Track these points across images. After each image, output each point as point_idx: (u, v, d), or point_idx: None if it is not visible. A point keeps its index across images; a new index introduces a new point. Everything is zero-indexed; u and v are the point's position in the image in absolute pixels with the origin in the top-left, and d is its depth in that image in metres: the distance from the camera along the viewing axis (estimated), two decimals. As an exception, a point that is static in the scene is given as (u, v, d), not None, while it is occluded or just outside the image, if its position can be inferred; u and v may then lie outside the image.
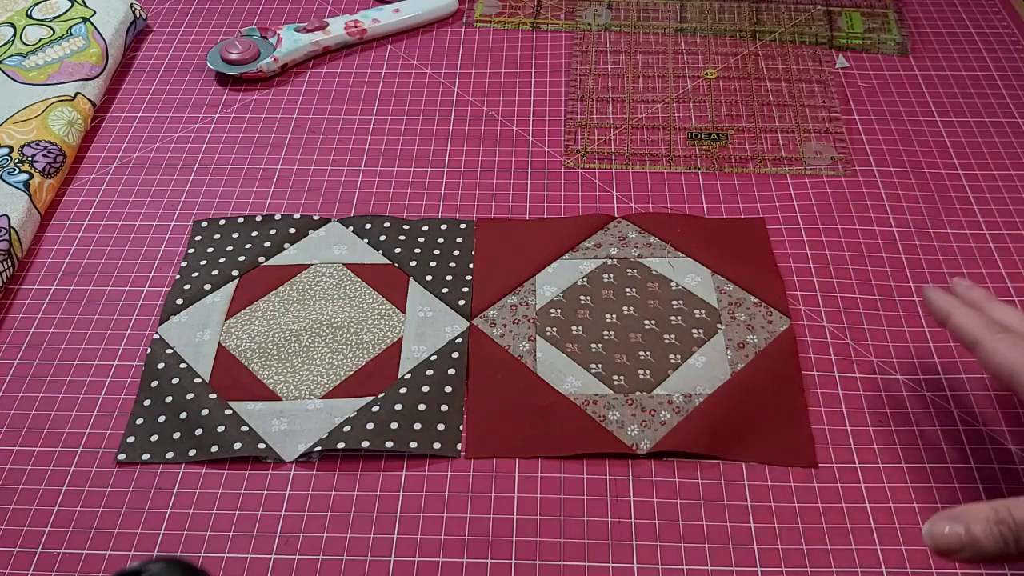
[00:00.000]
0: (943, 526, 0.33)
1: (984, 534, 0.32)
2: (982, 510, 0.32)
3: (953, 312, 0.39)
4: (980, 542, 0.32)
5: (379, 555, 0.39)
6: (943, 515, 0.33)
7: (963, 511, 0.33)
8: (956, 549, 0.33)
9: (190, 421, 0.44)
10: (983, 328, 0.37)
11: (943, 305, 0.40)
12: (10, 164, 0.54)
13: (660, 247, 0.51)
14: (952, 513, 0.33)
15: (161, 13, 0.70)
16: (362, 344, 0.47)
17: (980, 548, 0.32)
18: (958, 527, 0.32)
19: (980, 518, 0.32)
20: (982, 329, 0.37)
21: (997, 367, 0.36)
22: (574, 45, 0.65)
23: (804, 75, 0.62)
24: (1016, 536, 0.32)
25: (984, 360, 0.37)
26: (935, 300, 0.40)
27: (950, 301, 0.40)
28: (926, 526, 0.33)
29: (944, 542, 0.33)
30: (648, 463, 0.42)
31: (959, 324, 0.38)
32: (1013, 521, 0.32)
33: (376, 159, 0.57)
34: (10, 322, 0.49)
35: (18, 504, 0.41)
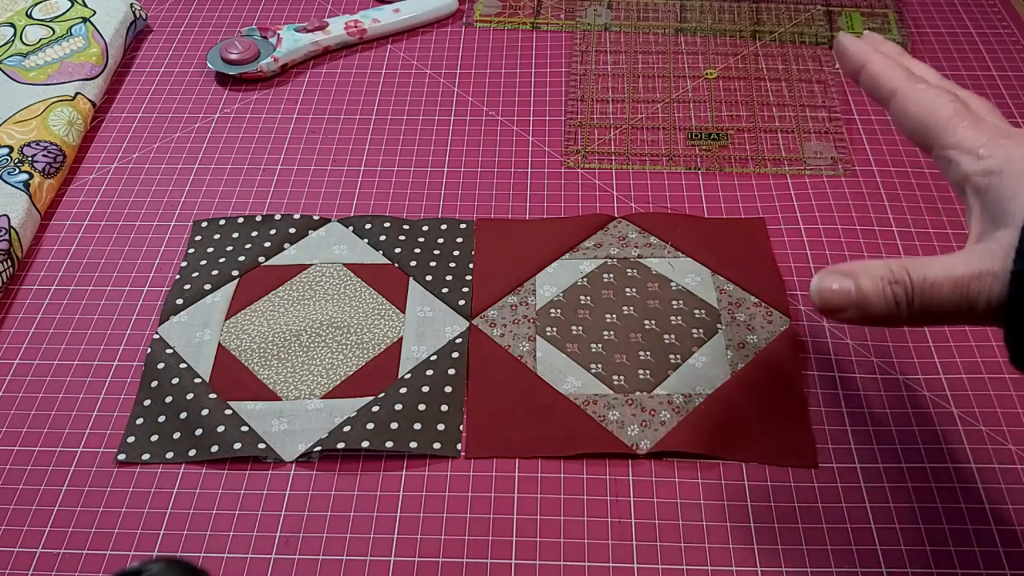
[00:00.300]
0: (832, 281, 0.31)
1: (875, 293, 0.30)
2: (877, 267, 0.31)
3: (870, 60, 0.35)
4: (870, 301, 0.31)
5: (379, 555, 0.39)
6: (833, 269, 0.31)
7: (855, 266, 0.31)
8: (843, 307, 0.31)
9: (190, 421, 0.44)
10: (903, 78, 0.35)
11: (858, 52, 0.36)
12: (10, 164, 0.54)
13: (660, 247, 0.51)
14: (843, 268, 0.31)
15: (161, 13, 0.70)
16: (362, 344, 0.47)
17: (869, 308, 0.31)
18: (848, 283, 0.31)
19: (873, 275, 0.31)
20: (902, 79, 0.35)
21: (915, 118, 0.34)
22: (574, 45, 0.65)
23: (804, 75, 0.62)
24: (909, 299, 0.30)
25: (900, 111, 0.34)
26: (849, 46, 0.36)
27: (866, 49, 0.36)
28: (814, 280, 0.32)
29: (831, 298, 0.31)
30: (648, 463, 0.42)
31: (877, 72, 0.35)
32: (910, 282, 0.30)
33: (376, 159, 0.57)
34: (10, 322, 0.49)
35: (18, 504, 0.41)
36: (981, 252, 0.30)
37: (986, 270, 0.29)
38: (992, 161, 0.31)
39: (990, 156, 0.31)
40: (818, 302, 0.31)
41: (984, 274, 0.29)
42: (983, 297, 0.29)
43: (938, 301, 0.30)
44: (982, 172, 0.31)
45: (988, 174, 0.31)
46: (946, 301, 0.30)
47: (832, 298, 0.31)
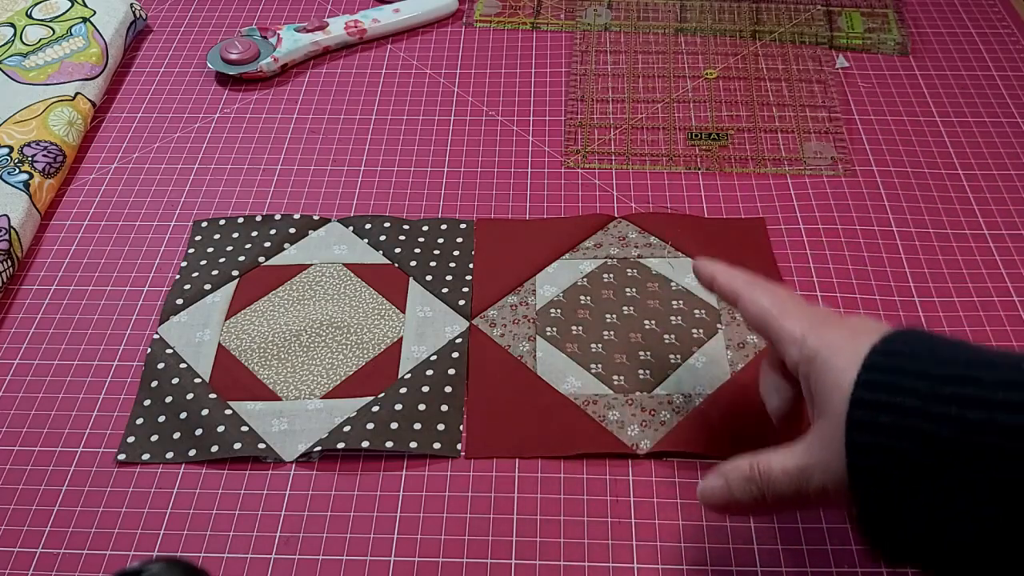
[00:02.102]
0: (710, 484, 0.35)
1: (740, 491, 0.33)
2: (740, 468, 0.34)
3: (717, 272, 0.39)
4: (738, 499, 0.34)
5: (379, 555, 0.39)
6: (713, 473, 0.35)
7: (726, 470, 0.34)
8: (720, 506, 0.34)
9: (190, 421, 0.44)
10: (742, 283, 0.38)
11: (708, 268, 0.40)
12: (10, 164, 0.54)
13: (660, 247, 0.51)
14: (721, 469, 0.35)
15: (161, 13, 0.70)
16: (362, 344, 0.47)
17: (739, 504, 0.34)
18: (721, 484, 0.34)
19: (738, 477, 0.34)
20: (741, 284, 0.38)
21: (755, 315, 0.36)
22: (574, 45, 0.65)
23: (804, 75, 0.62)
24: (762, 491, 0.33)
25: (745, 311, 0.37)
26: (701, 267, 0.40)
27: (714, 266, 0.40)
28: (700, 485, 0.35)
29: (712, 500, 0.35)
30: (648, 463, 0.42)
31: (722, 283, 0.39)
32: (759, 476, 0.33)
33: (376, 159, 0.57)
34: (10, 322, 0.49)
35: (18, 504, 0.41)
36: (807, 444, 0.32)
37: (808, 463, 0.31)
38: (809, 348, 0.33)
39: (809, 343, 0.33)
40: (704, 503, 0.35)
41: (807, 467, 0.31)
42: (810, 487, 0.32)
43: (781, 492, 0.32)
44: (805, 360, 0.33)
45: (808, 362, 0.33)
46: (785, 491, 0.32)
47: (712, 499, 0.35)
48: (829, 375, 0.31)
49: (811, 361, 0.32)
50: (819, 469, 0.31)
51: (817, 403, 0.32)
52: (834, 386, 0.30)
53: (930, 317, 0.47)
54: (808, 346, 0.33)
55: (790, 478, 0.32)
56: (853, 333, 0.32)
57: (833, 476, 0.30)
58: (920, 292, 0.48)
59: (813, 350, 0.32)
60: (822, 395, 0.31)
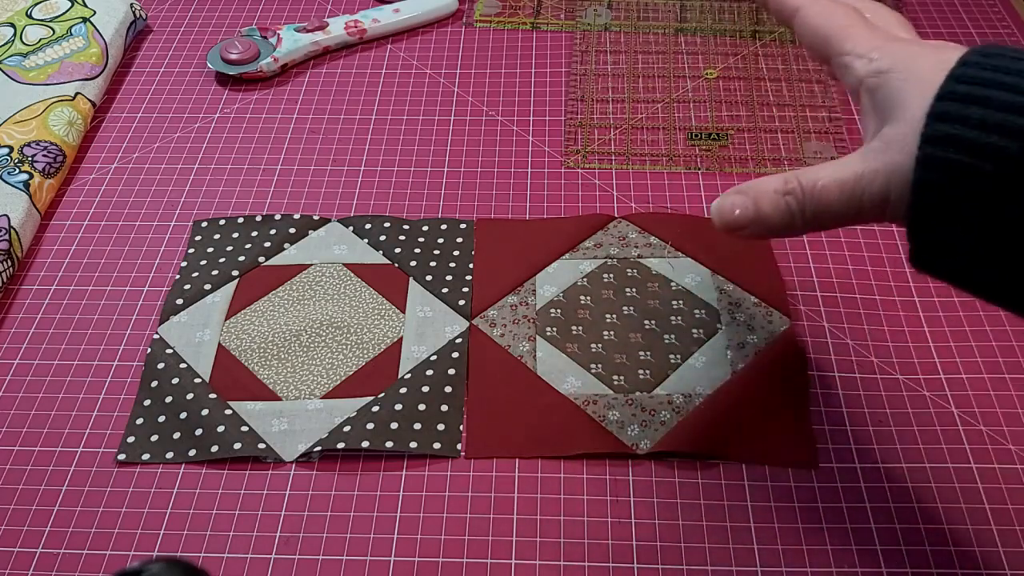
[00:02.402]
0: (731, 201, 0.33)
1: (770, 205, 0.32)
2: (770, 182, 0.32)
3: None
4: (766, 214, 0.32)
5: (379, 555, 0.39)
6: (732, 190, 0.33)
7: (751, 185, 0.33)
8: (743, 224, 0.32)
9: (190, 421, 0.44)
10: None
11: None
12: (10, 164, 0.54)
13: (660, 247, 0.51)
14: (742, 187, 0.33)
15: (161, 13, 0.70)
16: (362, 344, 0.47)
17: (766, 221, 0.32)
18: (745, 200, 0.32)
19: (767, 190, 0.32)
20: None
21: (813, 30, 0.35)
22: (574, 45, 0.65)
23: (804, 75, 0.62)
24: (801, 206, 0.31)
25: (801, 25, 0.35)
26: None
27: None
28: (715, 202, 0.33)
29: (730, 217, 0.33)
30: (648, 463, 0.42)
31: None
32: (800, 189, 0.31)
33: (376, 159, 0.57)
34: (10, 322, 0.49)
35: (18, 504, 0.41)
36: (865, 152, 0.30)
37: (868, 169, 0.30)
38: (882, 62, 0.31)
39: (880, 58, 0.32)
40: (719, 222, 0.33)
41: (866, 173, 0.30)
42: (866, 196, 0.30)
43: (827, 205, 0.31)
44: (872, 73, 0.31)
45: (878, 74, 0.31)
46: (834, 204, 0.31)
47: (731, 217, 0.32)
48: (908, 82, 0.30)
49: (884, 72, 0.31)
50: (883, 173, 0.29)
51: (888, 112, 0.30)
52: (915, 90, 0.29)
53: (930, 317, 0.47)
54: (879, 59, 0.31)
55: (842, 187, 0.30)
56: (935, 47, 0.31)
57: (899, 182, 0.29)
58: (920, 292, 0.48)
59: (887, 63, 0.31)
60: (897, 101, 0.30)
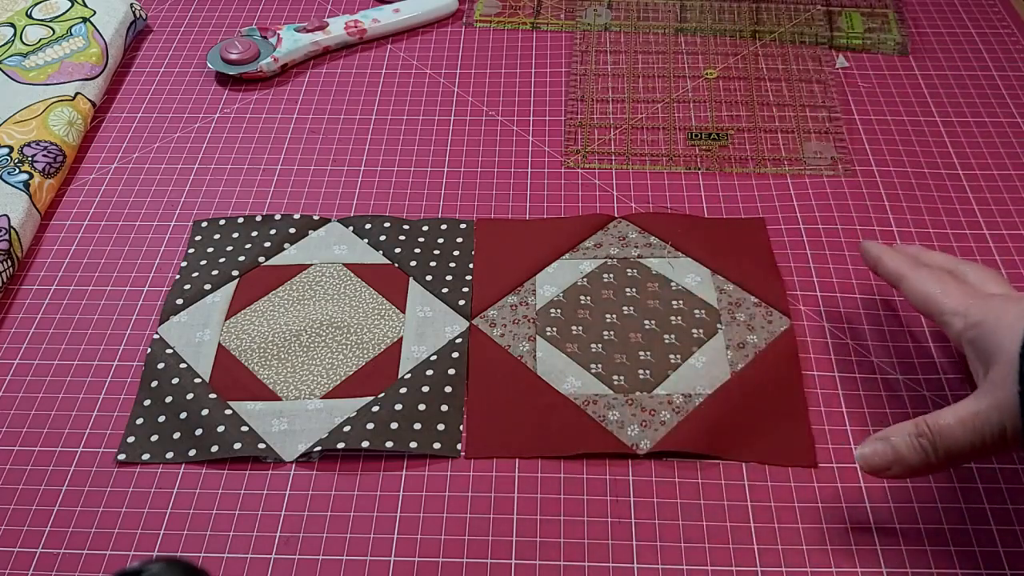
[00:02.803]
0: (871, 448, 0.37)
1: (907, 448, 0.36)
2: (905, 427, 0.36)
3: (883, 255, 0.43)
4: (904, 456, 0.36)
5: (379, 555, 0.39)
6: (873, 438, 0.37)
7: (888, 431, 0.37)
8: (885, 467, 0.36)
9: (190, 421, 0.44)
10: (908, 266, 0.41)
11: (876, 251, 0.43)
12: (10, 164, 0.54)
13: (660, 247, 0.51)
14: (880, 435, 0.37)
15: (161, 13, 0.70)
16: (362, 344, 0.47)
17: (905, 462, 0.36)
18: (885, 446, 0.36)
19: (902, 433, 0.36)
20: (907, 267, 0.41)
21: (918, 295, 0.40)
22: (574, 45, 0.65)
23: (804, 75, 0.62)
24: (933, 444, 0.35)
25: (908, 292, 0.41)
26: (869, 248, 0.44)
27: (882, 248, 0.43)
28: (858, 450, 0.37)
29: (874, 462, 0.36)
30: (648, 463, 0.42)
31: (888, 264, 0.42)
32: (929, 432, 0.35)
33: (376, 159, 0.57)
34: (10, 322, 0.49)
35: (18, 504, 0.41)
36: (979, 393, 0.35)
37: (983, 407, 0.34)
38: (975, 317, 0.37)
39: (973, 314, 0.37)
40: (865, 468, 0.37)
41: (982, 410, 0.34)
42: (986, 429, 0.34)
43: (954, 441, 0.35)
44: (970, 327, 0.37)
45: (974, 327, 0.36)
46: (960, 439, 0.35)
47: (874, 461, 0.36)
48: (999, 330, 0.35)
49: (978, 325, 0.36)
50: (996, 409, 0.34)
51: (988, 357, 0.35)
52: (1006, 336, 0.34)
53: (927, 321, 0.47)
54: (972, 315, 0.37)
55: (965, 426, 0.34)
56: (1017, 298, 0.37)
57: (1011, 415, 0.33)
58: (920, 292, 0.48)
59: (978, 316, 0.36)
60: (993, 347, 0.35)
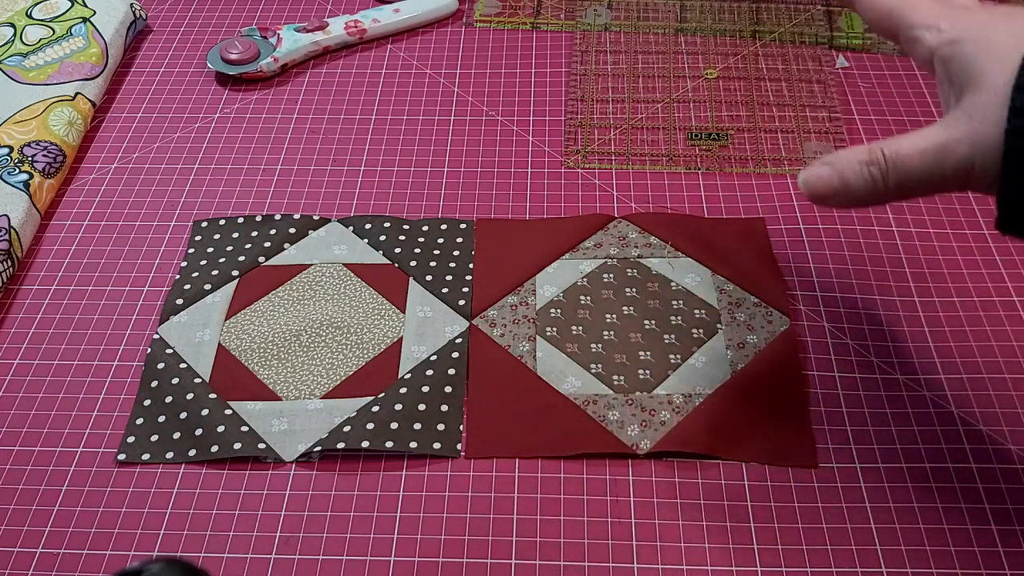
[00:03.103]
0: (816, 172, 0.34)
1: (855, 176, 0.33)
2: (855, 152, 0.33)
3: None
4: (851, 184, 0.33)
5: (379, 555, 0.39)
6: (818, 161, 0.34)
7: (837, 156, 0.34)
8: (829, 194, 0.34)
9: (190, 421, 0.44)
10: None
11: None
12: (10, 164, 0.54)
13: (660, 247, 0.51)
14: (826, 158, 0.34)
15: (161, 13, 0.70)
16: (362, 344, 0.47)
17: (851, 190, 0.33)
18: (829, 171, 0.33)
19: (852, 161, 0.33)
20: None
21: (878, 9, 0.35)
22: (574, 45, 0.65)
23: (804, 75, 0.62)
24: (884, 175, 0.32)
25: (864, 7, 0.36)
26: None
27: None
28: (801, 173, 0.34)
29: (817, 188, 0.34)
30: (648, 463, 0.42)
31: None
32: (883, 159, 0.32)
33: (376, 159, 0.57)
34: (10, 322, 0.49)
35: (18, 504, 0.41)
36: (947, 121, 0.31)
37: (951, 138, 0.31)
38: (952, 32, 0.32)
39: (949, 28, 0.32)
40: (807, 191, 0.34)
41: (948, 142, 0.31)
42: (948, 164, 0.31)
43: (909, 173, 0.32)
44: (945, 43, 0.32)
45: (950, 44, 0.32)
46: (917, 172, 0.31)
47: (818, 186, 0.34)
48: (982, 51, 0.31)
49: (956, 42, 0.32)
50: (966, 143, 0.30)
51: (965, 81, 0.31)
52: (990, 59, 0.30)
53: (930, 317, 0.47)
54: (948, 30, 0.32)
55: (925, 156, 0.31)
56: (1005, 15, 0.32)
57: (984, 151, 0.30)
58: (920, 292, 0.48)
59: (956, 32, 0.32)
60: (973, 71, 0.31)
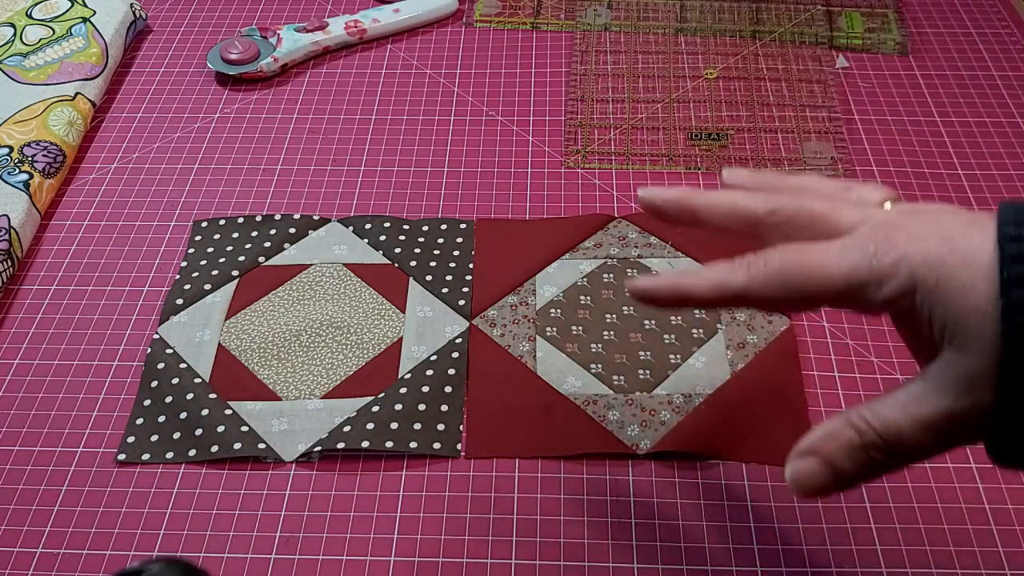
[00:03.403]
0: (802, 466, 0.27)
1: (851, 464, 0.27)
2: (841, 434, 0.27)
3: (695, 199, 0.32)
4: (850, 473, 0.27)
5: (379, 555, 0.39)
6: (796, 453, 0.28)
7: (816, 443, 0.27)
8: (825, 489, 0.27)
9: (190, 421, 0.44)
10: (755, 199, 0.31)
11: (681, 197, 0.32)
12: (10, 164, 0.54)
13: (660, 247, 0.51)
14: (804, 447, 0.28)
15: (161, 13, 0.70)
16: (362, 344, 0.47)
17: (850, 479, 0.27)
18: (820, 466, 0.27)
19: (839, 448, 0.27)
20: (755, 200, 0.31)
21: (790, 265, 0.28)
22: (574, 45, 0.65)
23: (804, 75, 0.62)
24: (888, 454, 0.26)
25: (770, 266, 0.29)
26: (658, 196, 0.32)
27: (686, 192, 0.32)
28: (787, 471, 0.28)
29: (812, 484, 0.27)
30: (648, 463, 0.42)
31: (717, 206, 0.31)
32: (881, 440, 0.26)
33: (376, 159, 0.57)
34: (10, 322, 0.49)
35: (18, 504, 0.41)
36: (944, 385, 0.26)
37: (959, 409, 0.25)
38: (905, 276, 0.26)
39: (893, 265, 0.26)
40: (798, 493, 0.28)
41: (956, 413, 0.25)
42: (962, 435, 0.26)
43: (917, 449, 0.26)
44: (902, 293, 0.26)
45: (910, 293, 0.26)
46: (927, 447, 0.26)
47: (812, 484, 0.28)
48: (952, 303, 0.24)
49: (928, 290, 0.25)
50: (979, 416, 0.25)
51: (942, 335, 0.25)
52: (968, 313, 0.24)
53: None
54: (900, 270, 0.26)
55: (935, 432, 0.26)
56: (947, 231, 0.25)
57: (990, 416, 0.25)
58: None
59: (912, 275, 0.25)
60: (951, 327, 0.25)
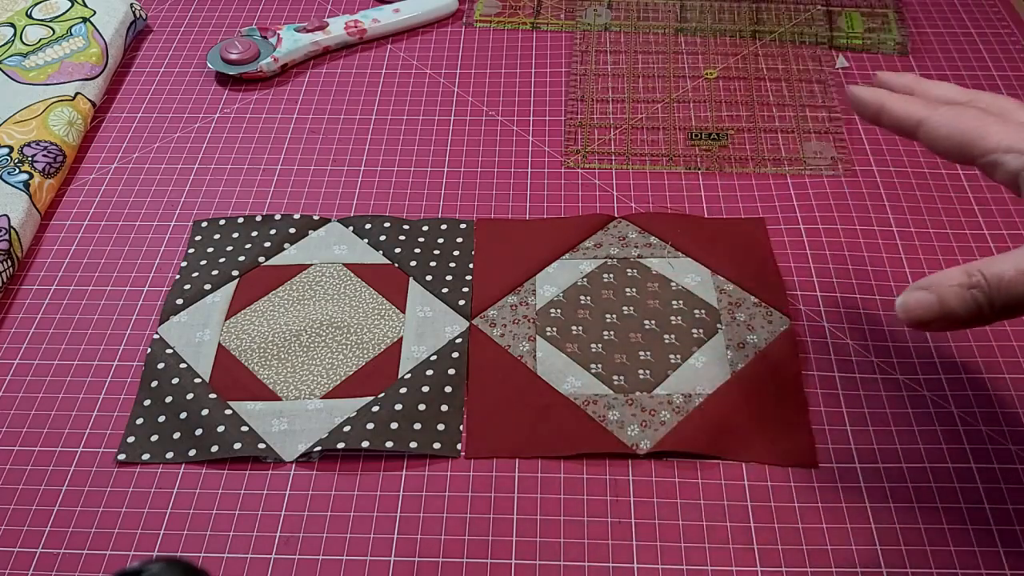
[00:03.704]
0: (914, 297, 0.33)
1: (958, 301, 0.32)
2: (953, 276, 0.32)
3: (886, 102, 0.36)
4: (954, 310, 0.32)
5: (379, 555, 0.39)
6: (914, 285, 0.33)
7: (933, 280, 0.32)
8: (929, 319, 0.32)
9: (190, 421, 0.44)
10: (922, 107, 0.35)
11: (873, 99, 0.37)
12: (10, 164, 0.54)
13: (660, 247, 0.51)
14: (923, 282, 0.33)
15: (161, 13, 0.70)
16: (362, 344, 0.47)
17: (953, 316, 0.32)
18: (929, 296, 0.32)
19: (952, 285, 0.32)
20: (921, 109, 0.35)
21: (947, 140, 0.34)
22: (574, 45, 0.65)
23: (804, 75, 0.62)
24: (990, 298, 0.31)
25: (930, 139, 0.35)
26: (862, 95, 0.37)
27: (879, 93, 0.37)
28: (899, 299, 0.33)
29: (917, 314, 0.32)
30: (648, 463, 0.42)
31: (894, 111, 0.36)
32: (986, 282, 0.31)
33: (376, 159, 0.57)
34: (10, 322, 0.49)
35: (18, 504, 0.41)
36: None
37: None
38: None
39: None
40: (905, 318, 0.33)
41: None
42: None
43: (1017, 296, 0.31)
44: None
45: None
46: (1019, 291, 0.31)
47: (918, 311, 0.32)
48: None
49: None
50: None
51: None
52: None
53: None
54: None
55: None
56: None
57: None
58: (920, 291, 0.48)
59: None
60: None
